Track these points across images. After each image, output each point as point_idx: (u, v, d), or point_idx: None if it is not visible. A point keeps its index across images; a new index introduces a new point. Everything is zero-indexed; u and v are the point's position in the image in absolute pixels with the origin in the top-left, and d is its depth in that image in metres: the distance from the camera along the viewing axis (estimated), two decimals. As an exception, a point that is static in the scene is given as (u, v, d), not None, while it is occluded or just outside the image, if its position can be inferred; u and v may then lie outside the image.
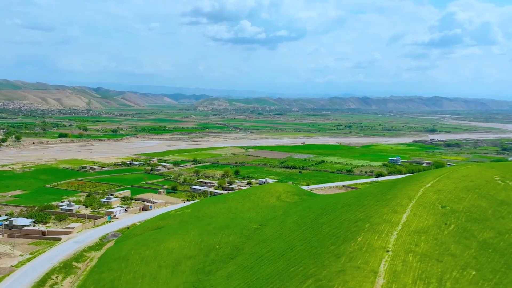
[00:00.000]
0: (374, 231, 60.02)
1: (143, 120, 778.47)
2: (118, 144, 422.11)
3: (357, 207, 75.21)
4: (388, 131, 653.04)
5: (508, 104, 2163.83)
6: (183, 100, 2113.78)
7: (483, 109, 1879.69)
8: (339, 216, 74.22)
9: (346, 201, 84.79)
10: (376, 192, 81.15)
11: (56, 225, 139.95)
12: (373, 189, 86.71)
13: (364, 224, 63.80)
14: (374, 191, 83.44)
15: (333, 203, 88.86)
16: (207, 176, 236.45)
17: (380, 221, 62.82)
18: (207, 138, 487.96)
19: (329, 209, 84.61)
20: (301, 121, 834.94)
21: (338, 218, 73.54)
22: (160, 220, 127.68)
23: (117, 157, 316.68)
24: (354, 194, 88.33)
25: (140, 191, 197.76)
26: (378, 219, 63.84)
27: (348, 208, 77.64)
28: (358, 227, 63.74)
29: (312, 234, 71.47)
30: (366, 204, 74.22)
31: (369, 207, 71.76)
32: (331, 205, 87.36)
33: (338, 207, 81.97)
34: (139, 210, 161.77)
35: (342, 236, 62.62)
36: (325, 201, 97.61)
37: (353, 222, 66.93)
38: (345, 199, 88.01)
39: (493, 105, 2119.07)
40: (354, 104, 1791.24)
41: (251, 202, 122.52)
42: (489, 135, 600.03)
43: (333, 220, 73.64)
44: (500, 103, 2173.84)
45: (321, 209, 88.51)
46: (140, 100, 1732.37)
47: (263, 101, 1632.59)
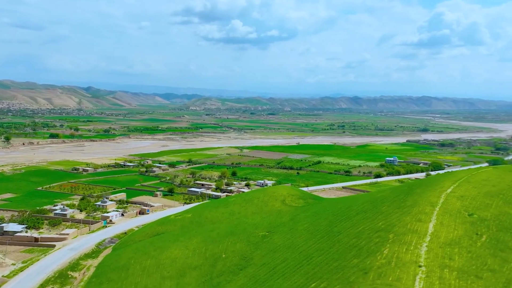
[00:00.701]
0: (400, 242, 55.52)
1: (135, 120, 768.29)
2: (110, 144, 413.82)
3: (374, 215, 70.77)
4: (381, 130, 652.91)
5: (496, 104, 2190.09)
6: (175, 99, 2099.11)
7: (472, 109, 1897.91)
8: (356, 225, 69.69)
9: (360, 207, 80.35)
10: (393, 198, 76.83)
11: (49, 231, 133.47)
12: (387, 194, 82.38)
13: (387, 234, 59.28)
14: (390, 196, 79.09)
15: (346, 209, 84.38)
16: (203, 177, 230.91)
17: (405, 231, 58.37)
18: (201, 138, 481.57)
19: (342, 215, 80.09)
20: (294, 121, 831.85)
21: (356, 226, 68.99)
22: (160, 225, 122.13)
23: (110, 158, 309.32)
24: (367, 199, 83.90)
25: (136, 194, 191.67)
26: (403, 229, 59.39)
27: (364, 215, 73.17)
28: (381, 237, 59.19)
29: (329, 244, 66.82)
30: (385, 211, 69.80)
31: (389, 214, 67.33)
32: (343, 211, 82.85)
33: (353, 213, 77.47)
34: (136, 214, 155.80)
35: (365, 248, 58.01)
36: (336, 206, 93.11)
37: (374, 232, 62.39)
38: (358, 204, 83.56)
39: (481, 105, 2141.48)
40: (345, 104, 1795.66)
41: (255, 206, 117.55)
42: (480, 135, 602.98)
43: (350, 229, 69.09)
44: (488, 103, 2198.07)
45: (333, 215, 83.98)
46: (131, 99, 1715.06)
47: (255, 101, 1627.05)
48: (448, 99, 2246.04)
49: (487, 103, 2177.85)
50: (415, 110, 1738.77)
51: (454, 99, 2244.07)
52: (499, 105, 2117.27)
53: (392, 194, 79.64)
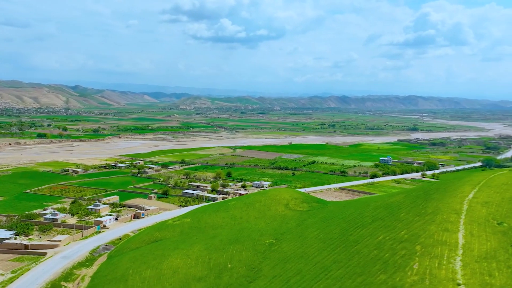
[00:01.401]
0: (430, 255, 51.11)
1: (125, 119, 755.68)
2: (100, 144, 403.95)
3: (393, 222, 66.38)
4: (371, 130, 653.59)
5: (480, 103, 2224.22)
6: (164, 98, 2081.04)
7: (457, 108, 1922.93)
8: (375, 234, 65.19)
9: (374, 213, 75.95)
10: (409, 204, 72.59)
11: (40, 237, 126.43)
12: (401, 199, 78.10)
13: (413, 246, 54.82)
14: (405, 202, 74.82)
15: (358, 215, 79.92)
16: (198, 178, 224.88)
17: (433, 243, 53.99)
18: (192, 138, 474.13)
19: (356, 222, 75.60)
20: (284, 120, 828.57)
21: (374, 235, 64.48)
22: (157, 231, 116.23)
23: (100, 158, 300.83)
24: (380, 205, 79.53)
25: (129, 196, 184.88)
26: (429, 240, 55.02)
27: (381, 223, 68.72)
28: (406, 249, 54.70)
29: (347, 255, 62.14)
30: (404, 219, 65.44)
31: (409, 223, 62.98)
32: (356, 218, 78.39)
33: (367, 221, 72.99)
34: (131, 218, 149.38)
35: (391, 261, 53.44)
36: (345, 211, 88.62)
37: (397, 242, 57.89)
38: (370, 210, 79.18)
39: (466, 104, 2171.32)
40: (333, 103, 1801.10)
41: (257, 211, 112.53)
42: (469, 134, 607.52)
43: (368, 238, 64.54)
44: (472, 102, 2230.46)
45: (345, 222, 79.45)
46: (119, 98, 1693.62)
47: (245, 100, 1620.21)
48: (434, 98, 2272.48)
49: (471, 102, 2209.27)
50: (402, 109, 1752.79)
51: (440, 98, 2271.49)
52: (483, 104, 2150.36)
53: (407, 200, 75.35)
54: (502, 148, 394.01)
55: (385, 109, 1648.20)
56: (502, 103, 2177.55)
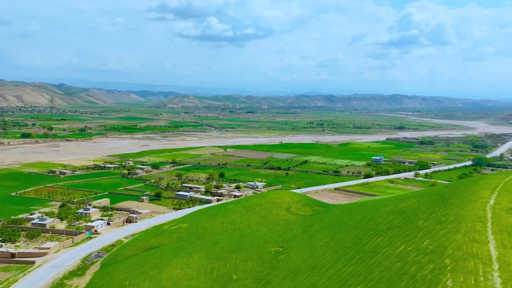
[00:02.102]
0: (463, 270, 46.94)
1: (112, 118, 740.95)
2: (87, 144, 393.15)
3: (412, 231, 62.21)
4: (359, 128, 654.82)
5: (462, 101, 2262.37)
6: (151, 97, 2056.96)
7: (440, 107, 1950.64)
8: (393, 243, 60.89)
9: (387, 219, 71.75)
10: (425, 210, 68.59)
11: (27, 244, 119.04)
12: (414, 204, 74.08)
13: (441, 259, 50.60)
14: (421, 207, 70.81)
15: (369, 221, 75.64)
16: (190, 179, 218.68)
17: (463, 255, 49.87)
18: (182, 137, 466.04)
19: (368, 229, 71.29)
20: (273, 119, 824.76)
21: (393, 245, 60.17)
22: (153, 237, 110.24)
23: (88, 159, 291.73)
24: (392, 210, 75.41)
25: (120, 199, 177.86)
26: (458, 252, 50.89)
27: (398, 231, 64.50)
28: (435, 263, 50.45)
29: (366, 268, 57.66)
30: (424, 227, 61.32)
31: (431, 231, 58.86)
32: (368, 224, 74.10)
33: (382, 228, 68.74)
34: (123, 222, 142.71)
35: (419, 277, 49.12)
36: (353, 217, 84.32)
37: (422, 254, 53.63)
38: (382, 216, 74.98)
39: (449, 102, 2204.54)
40: (320, 102, 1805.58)
41: (258, 215, 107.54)
42: (454, 132, 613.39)
43: (387, 249, 60.19)
44: (454, 101, 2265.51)
45: (356, 229, 75.10)
46: (105, 97, 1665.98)
47: (233, 98, 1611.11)
48: (418, 97, 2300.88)
49: (453, 101, 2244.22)
50: (387, 108, 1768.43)
51: (423, 97, 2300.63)
52: (465, 103, 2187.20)
53: (422, 205, 71.34)
54: (489, 146, 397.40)
55: (371, 108, 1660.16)
56: (483, 102, 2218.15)
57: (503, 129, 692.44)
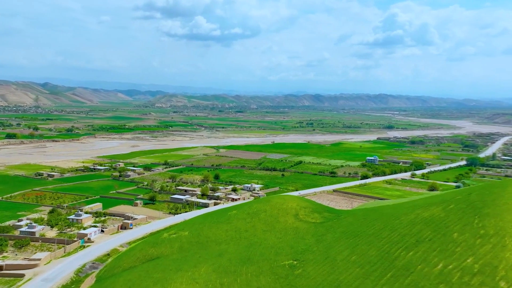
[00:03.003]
0: (523, 295, 41.32)
1: (99, 118, 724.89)
2: (75, 145, 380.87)
3: (448, 245, 56.59)
4: (349, 128, 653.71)
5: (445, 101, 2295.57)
6: (138, 96, 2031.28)
7: (425, 106, 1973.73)
8: (428, 259, 55.16)
9: (414, 231, 66.09)
10: (457, 220, 63.13)
11: (16, 255, 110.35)
12: (441, 212, 68.61)
13: (495, 282, 45.04)
14: (450, 217, 65.32)
15: (392, 231, 69.89)
16: (185, 182, 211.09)
17: (518, 277, 44.30)
18: (172, 137, 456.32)
19: (393, 242, 65.54)
20: (262, 119, 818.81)
21: (429, 262, 54.42)
22: (152, 246, 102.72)
23: (76, 160, 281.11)
24: (416, 220, 69.83)
25: (113, 203, 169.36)
26: None
27: (431, 245, 58.84)
28: (487, 286, 44.72)
29: None
30: (462, 242, 55.78)
31: (472, 247, 53.32)
32: (391, 236, 68.35)
33: (411, 240, 63.03)
34: (118, 229, 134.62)
35: (471, 301, 43.33)
36: (370, 226, 78.52)
37: (468, 275, 48.01)
38: (406, 226, 69.30)
39: (433, 102, 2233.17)
40: (308, 102, 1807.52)
41: (264, 223, 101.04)
42: (442, 132, 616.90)
43: (422, 265, 54.41)
44: (438, 100, 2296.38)
45: (378, 240, 69.30)
46: (92, 96, 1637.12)
47: (222, 98, 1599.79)
48: (403, 96, 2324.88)
49: (438, 101, 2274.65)
50: (373, 107, 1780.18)
51: (408, 97, 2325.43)
52: (449, 102, 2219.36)
53: (451, 215, 65.89)
54: (480, 146, 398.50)
55: (358, 107, 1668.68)
56: (466, 101, 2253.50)
57: (489, 128, 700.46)
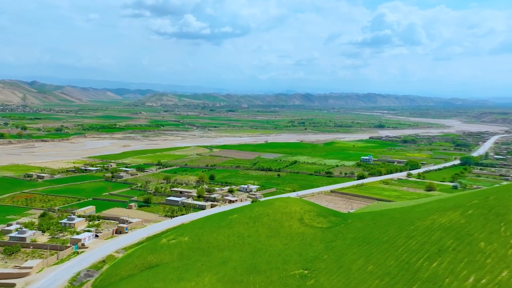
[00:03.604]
0: None
1: (89, 117, 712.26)
2: (64, 145, 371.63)
3: (476, 256, 53.08)
4: (340, 127, 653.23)
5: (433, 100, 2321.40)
6: (128, 95, 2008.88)
7: (413, 105, 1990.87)
8: (456, 271, 51.60)
9: (434, 238, 62.59)
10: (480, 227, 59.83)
11: (6, 263, 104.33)
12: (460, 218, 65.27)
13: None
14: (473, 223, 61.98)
15: (408, 238, 66.32)
16: (180, 183, 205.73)
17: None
18: (164, 137, 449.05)
19: (412, 250, 61.92)
20: (254, 118, 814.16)
21: (457, 274, 50.86)
22: (151, 253, 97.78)
23: (67, 161, 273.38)
24: (434, 226, 66.37)
25: (106, 206, 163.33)
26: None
27: (456, 254, 55.31)
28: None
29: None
30: (491, 252, 52.36)
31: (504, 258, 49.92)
32: (408, 243, 64.76)
33: (432, 249, 59.47)
34: (112, 233, 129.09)
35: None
36: (382, 232, 74.92)
37: (502, 289, 44.32)
38: (424, 233, 65.79)
39: (421, 101, 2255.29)
40: (298, 101, 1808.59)
41: (267, 227, 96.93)
42: (432, 131, 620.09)
43: (450, 278, 50.81)
44: (426, 100, 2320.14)
45: (394, 248, 65.66)
46: (81, 95, 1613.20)
47: (212, 97, 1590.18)
48: (391, 96, 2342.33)
49: (425, 100, 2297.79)
50: (363, 106, 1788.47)
51: (396, 96, 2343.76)
52: (436, 102, 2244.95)
53: (472, 221, 62.57)
54: (471, 145, 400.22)
55: (347, 106, 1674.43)
56: (452, 101, 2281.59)
57: (477, 127, 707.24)
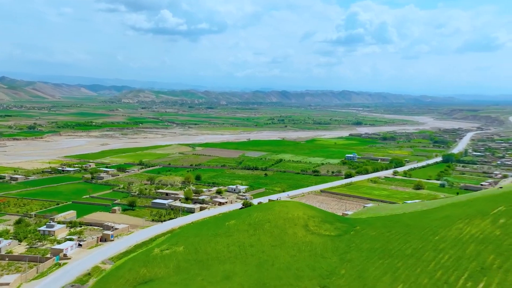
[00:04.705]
0: None
1: (63, 114, 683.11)
2: (39, 144, 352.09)
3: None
4: (319, 124, 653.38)
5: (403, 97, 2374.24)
6: (103, 91, 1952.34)
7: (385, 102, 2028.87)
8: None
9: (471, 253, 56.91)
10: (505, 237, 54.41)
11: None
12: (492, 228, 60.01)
13: None
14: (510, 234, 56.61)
15: (438, 252, 60.55)
16: (165, 184, 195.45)
17: None
18: (143, 135, 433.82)
19: (447, 267, 56.03)
20: (234, 115, 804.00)
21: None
22: (143, 266, 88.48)
23: (42, 161, 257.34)
24: (464, 236, 60.69)
25: (87, 210, 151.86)
26: None
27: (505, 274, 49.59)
28: None
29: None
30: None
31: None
32: (440, 257, 58.95)
33: (473, 267, 53.66)
34: (97, 241, 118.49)
35: None
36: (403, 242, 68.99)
37: None
38: (455, 244, 60.17)
39: (392, 98, 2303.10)
40: (275, 98, 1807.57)
41: (270, 236, 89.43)
42: (408, 127, 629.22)
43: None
44: (397, 97, 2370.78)
45: (424, 263, 59.65)
46: (54, 91, 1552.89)
47: (190, 93, 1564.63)
48: (364, 93, 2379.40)
49: (396, 97, 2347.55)
50: (338, 103, 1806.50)
51: (369, 93, 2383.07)
52: (406, 99, 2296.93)
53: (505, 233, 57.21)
54: (449, 142, 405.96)
55: (323, 104, 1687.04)
56: (422, 98, 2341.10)
57: (450, 124, 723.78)
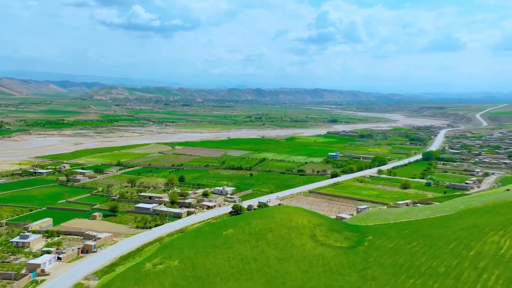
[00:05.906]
0: None
1: (32, 111, 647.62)
2: (7, 143, 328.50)
3: None
4: (296, 122, 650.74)
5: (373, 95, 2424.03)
6: (73, 88, 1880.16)
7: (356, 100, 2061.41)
8: None
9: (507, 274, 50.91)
10: None
11: None
12: None
13: None
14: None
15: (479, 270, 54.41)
16: (147, 186, 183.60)
17: None
18: (119, 133, 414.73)
19: None
20: (211, 113, 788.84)
21: None
22: (135, 284, 78.31)
23: (11, 162, 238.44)
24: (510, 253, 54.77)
25: (65, 217, 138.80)
26: None
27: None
28: None
29: None
30: None
31: None
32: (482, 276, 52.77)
33: None
34: (78, 253, 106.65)
35: None
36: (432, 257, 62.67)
37: None
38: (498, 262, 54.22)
39: (363, 96, 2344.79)
40: (250, 95, 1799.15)
41: (275, 248, 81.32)
42: (381, 125, 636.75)
43: None
44: (367, 95, 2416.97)
45: (463, 283, 53.38)
46: (21, 87, 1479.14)
47: (165, 91, 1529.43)
48: (336, 91, 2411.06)
49: (367, 95, 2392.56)
50: (311, 101, 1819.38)
51: (341, 91, 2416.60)
52: (376, 96, 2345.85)
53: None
54: (425, 139, 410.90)
55: (297, 101, 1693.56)
56: (391, 96, 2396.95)
57: (421, 121, 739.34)
